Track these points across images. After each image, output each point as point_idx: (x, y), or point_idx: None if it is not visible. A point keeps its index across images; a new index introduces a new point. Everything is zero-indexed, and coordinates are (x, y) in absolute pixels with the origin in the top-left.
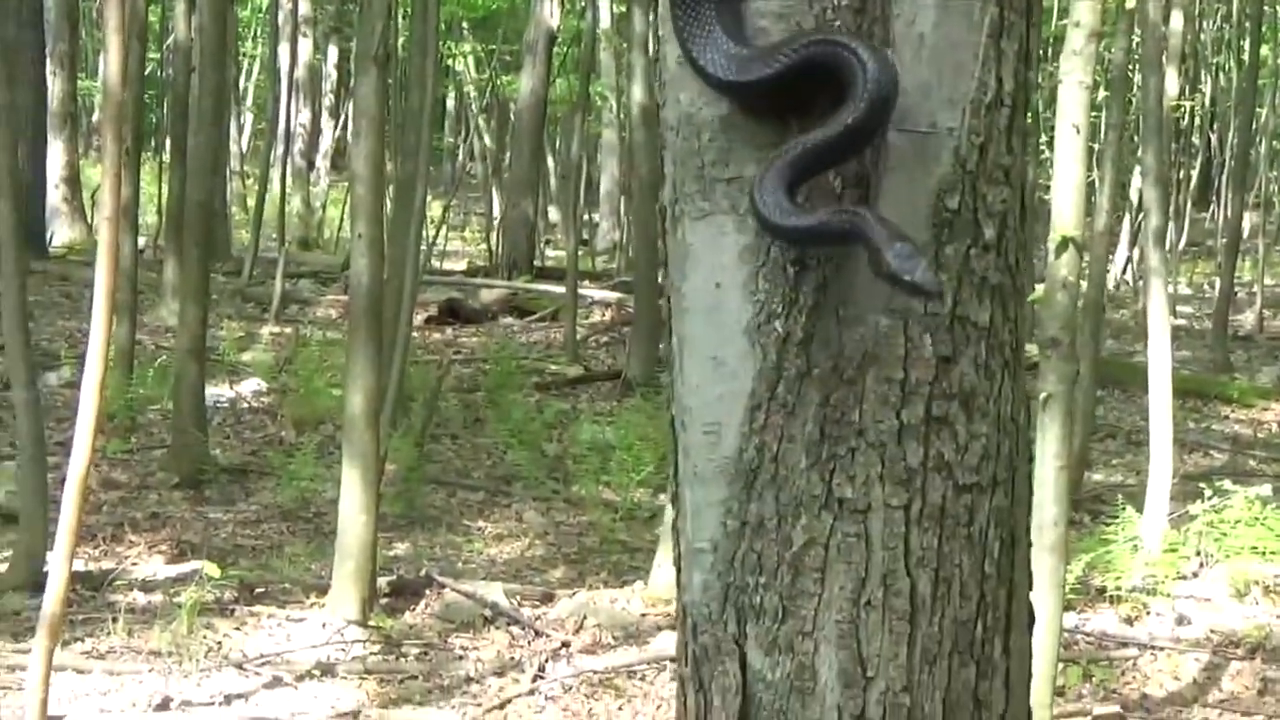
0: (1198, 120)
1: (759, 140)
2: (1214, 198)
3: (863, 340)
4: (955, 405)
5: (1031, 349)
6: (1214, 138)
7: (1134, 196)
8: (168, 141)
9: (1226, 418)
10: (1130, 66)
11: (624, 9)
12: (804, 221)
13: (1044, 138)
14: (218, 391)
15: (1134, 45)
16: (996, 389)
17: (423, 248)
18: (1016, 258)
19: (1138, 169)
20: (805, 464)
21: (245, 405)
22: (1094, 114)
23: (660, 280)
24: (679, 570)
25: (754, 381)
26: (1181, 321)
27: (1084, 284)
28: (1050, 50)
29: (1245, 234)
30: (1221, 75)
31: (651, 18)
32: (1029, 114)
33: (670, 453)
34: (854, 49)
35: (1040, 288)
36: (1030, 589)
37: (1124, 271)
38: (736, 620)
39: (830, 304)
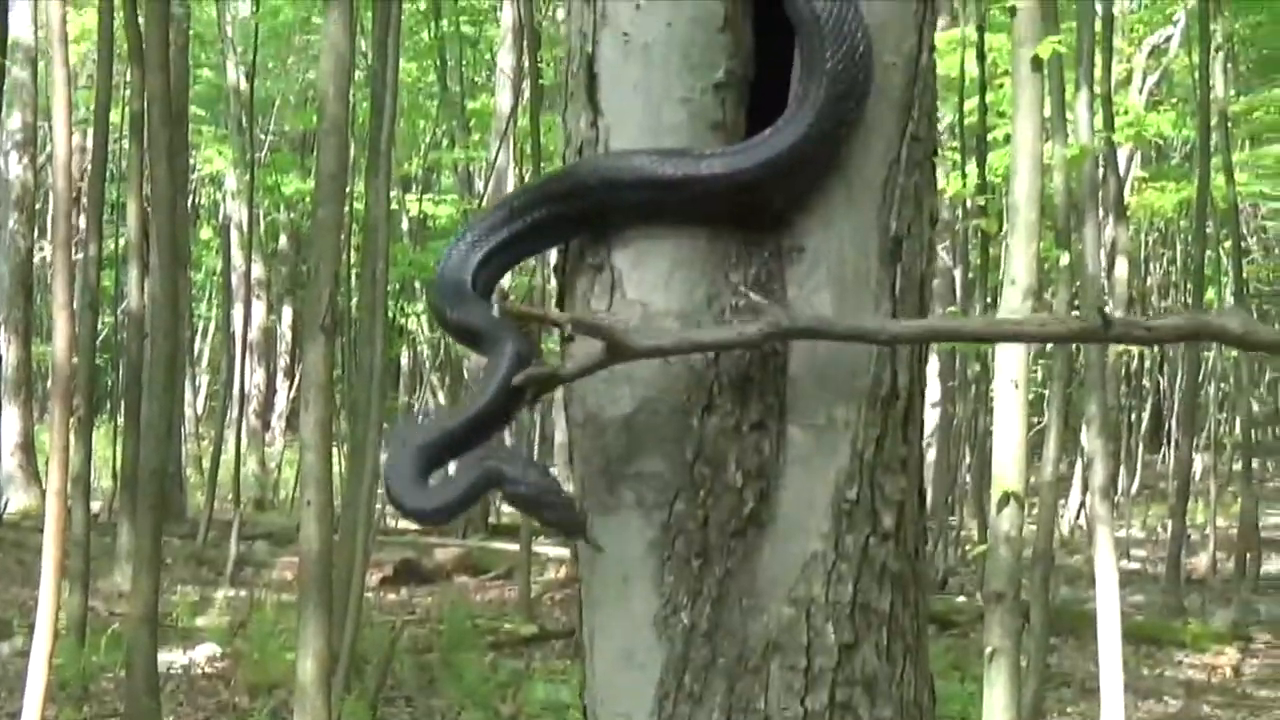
0: (1147, 364)
1: (663, 436)
2: (1165, 440)
3: (766, 629)
4: (859, 691)
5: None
6: (1163, 381)
7: (1085, 442)
8: (122, 405)
9: (1180, 663)
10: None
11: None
12: (444, 499)
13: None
14: (171, 657)
15: (1075, 296)
16: (899, 674)
17: (377, 508)
18: (916, 545)
19: None
20: None
21: (199, 671)
22: (1041, 360)
23: None
24: None
25: (662, 672)
26: (1135, 565)
27: (1034, 528)
28: (992, 299)
29: (1197, 476)
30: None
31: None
32: (923, 403)
33: None
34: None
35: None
36: None
37: (1077, 517)
38: None
39: (734, 595)
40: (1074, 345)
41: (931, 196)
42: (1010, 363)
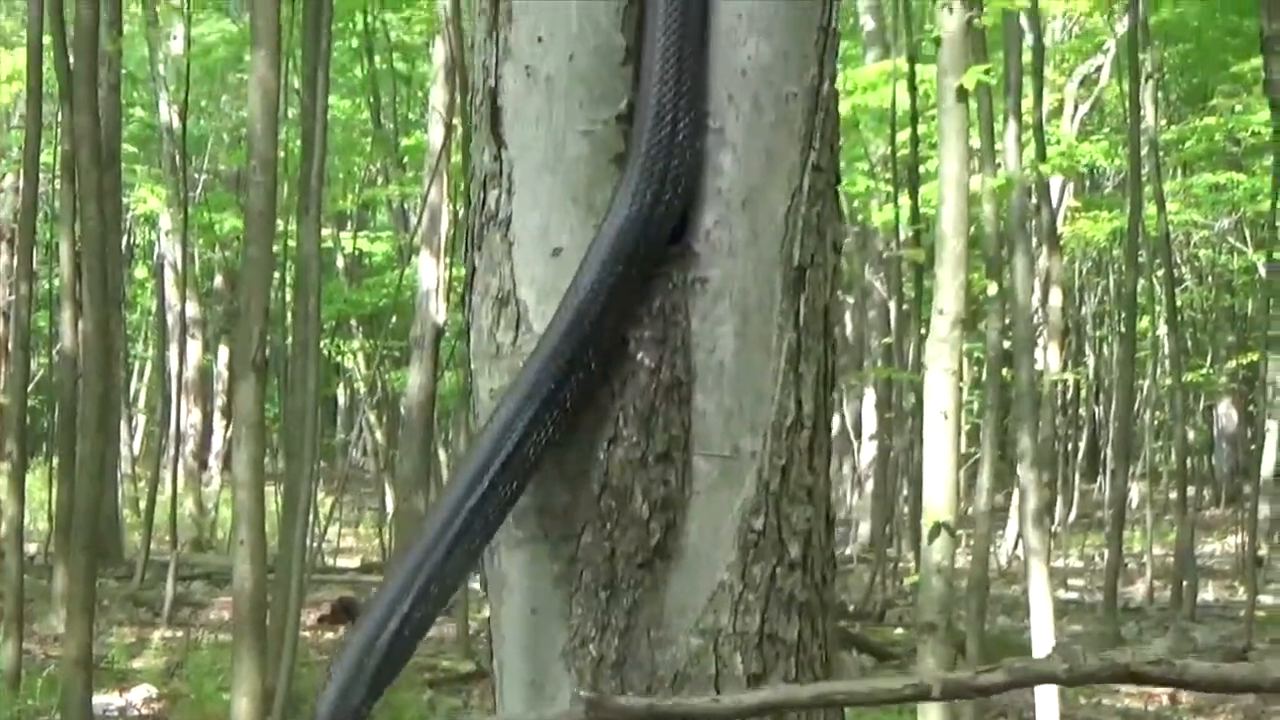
0: (1083, 393)
1: (569, 468)
2: (1102, 469)
3: (675, 660)
4: None
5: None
6: (1099, 410)
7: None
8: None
9: (1118, 691)
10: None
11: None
12: None
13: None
14: (107, 700)
15: (1007, 326)
16: None
17: (313, 545)
18: (823, 574)
19: None
20: None
21: (135, 713)
22: (977, 390)
23: None
24: None
25: (570, 704)
26: (1073, 595)
27: (969, 559)
28: (927, 329)
29: (1134, 504)
30: (1104, 348)
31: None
32: (830, 431)
33: None
34: None
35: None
36: None
37: (1015, 547)
38: None
39: (642, 626)
40: (1006, 375)
41: (835, 225)
42: (940, 394)
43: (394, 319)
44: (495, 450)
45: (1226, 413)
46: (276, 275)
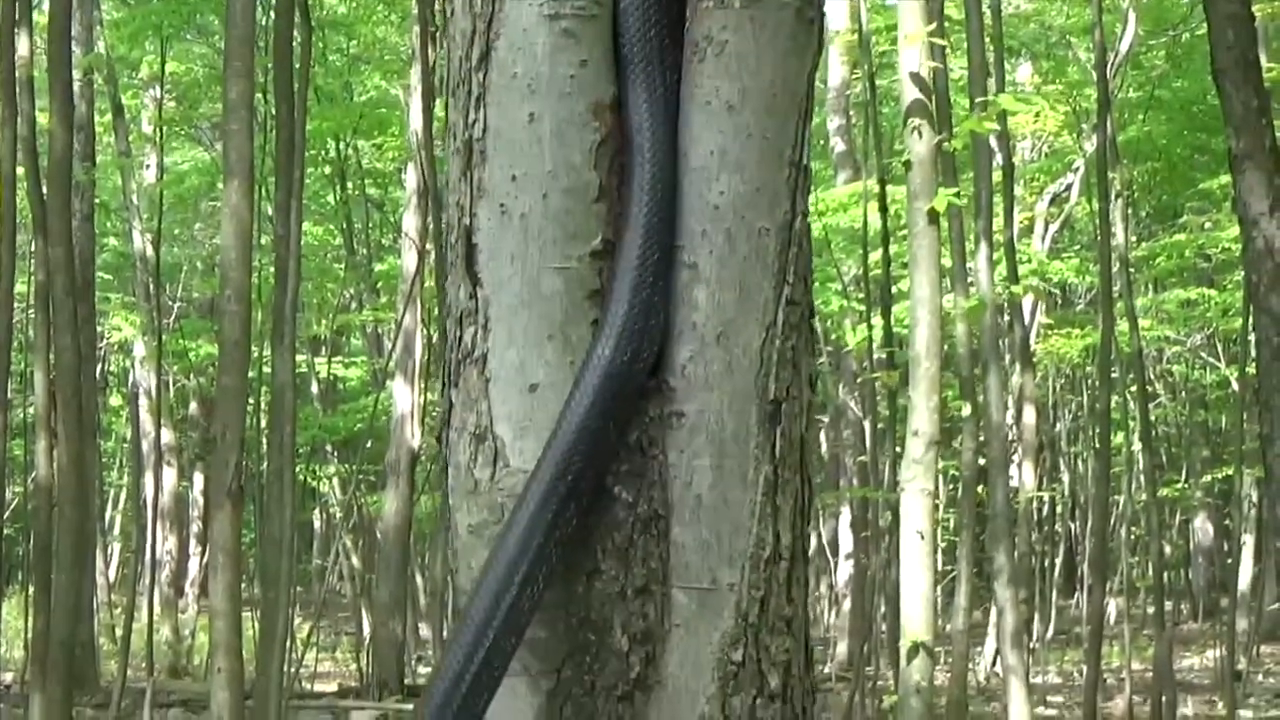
0: (1059, 509)
1: (548, 602)
2: (1079, 585)
3: None
4: None
5: None
6: (1075, 526)
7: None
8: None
9: None
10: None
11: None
12: None
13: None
14: None
15: (981, 445)
16: None
17: (290, 670)
18: (803, 705)
19: None
20: None
21: None
22: (953, 509)
23: None
24: None
25: None
26: (1052, 712)
27: (948, 676)
28: (902, 449)
29: (1111, 620)
30: (1079, 464)
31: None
32: (807, 563)
33: None
34: None
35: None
36: None
37: (993, 664)
38: None
39: None
40: (980, 492)
41: (810, 359)
42: (915, 513)
43: (369, 443)
44: (493, 610)
45: (1202, 527)
46: (251, 401)
